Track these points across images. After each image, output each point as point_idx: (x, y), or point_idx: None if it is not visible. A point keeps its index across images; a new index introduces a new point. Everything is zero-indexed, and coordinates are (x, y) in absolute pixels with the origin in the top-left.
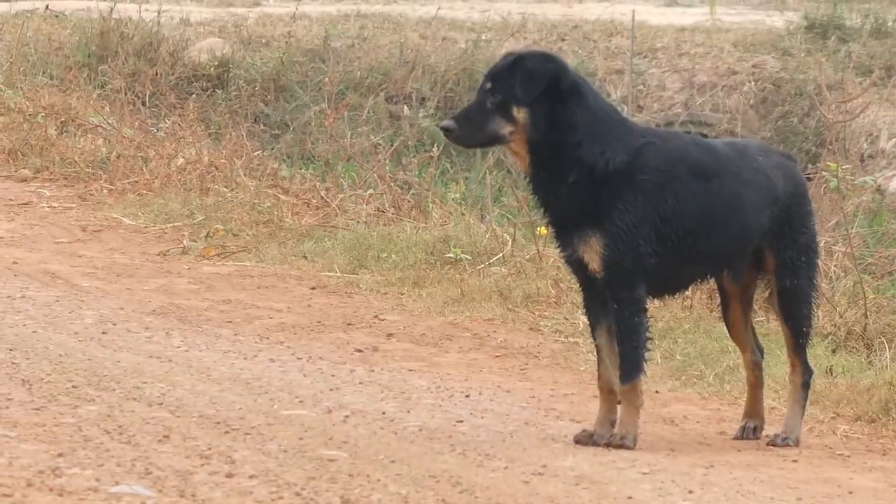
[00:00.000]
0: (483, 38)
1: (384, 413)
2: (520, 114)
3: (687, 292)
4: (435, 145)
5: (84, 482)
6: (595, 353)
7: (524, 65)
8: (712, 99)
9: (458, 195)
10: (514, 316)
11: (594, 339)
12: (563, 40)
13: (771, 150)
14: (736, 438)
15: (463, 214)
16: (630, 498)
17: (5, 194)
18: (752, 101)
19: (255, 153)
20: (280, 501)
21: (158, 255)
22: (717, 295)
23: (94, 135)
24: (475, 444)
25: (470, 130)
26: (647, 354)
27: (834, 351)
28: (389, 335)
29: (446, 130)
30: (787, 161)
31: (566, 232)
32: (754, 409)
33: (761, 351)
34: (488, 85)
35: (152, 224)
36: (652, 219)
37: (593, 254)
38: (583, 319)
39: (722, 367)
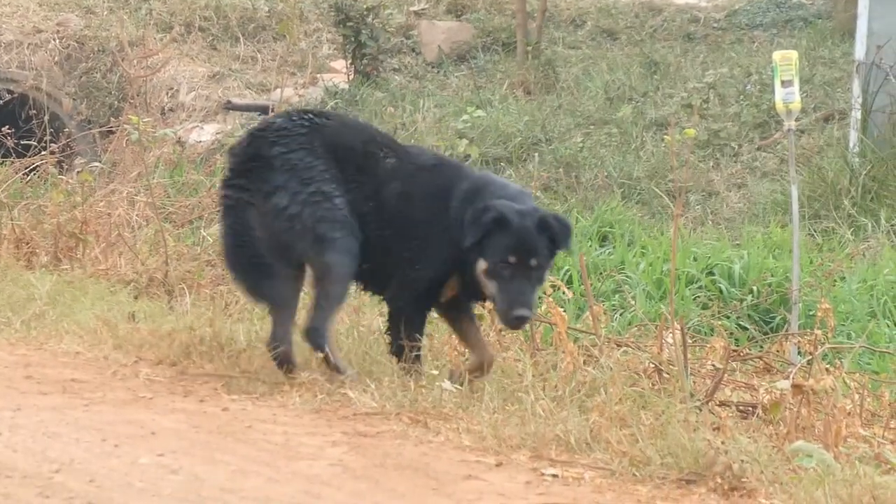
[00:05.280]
0: None
1: None
2: None
3: None
4: None
5: None
6: None
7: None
8: (19, 56)
9: None
10: None
11: None
12: None
13: None
14: None
15: None
16: None
17: None
18: (56, 58)
19: None
20: None
21: None
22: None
23: None
24: None
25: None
26: None
27: (136, 297)
28: None
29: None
30: None
31: None
32: None
33: None
34: (533, 262)
35: None
36: None
37: None
38: None
39: (28, 314)
